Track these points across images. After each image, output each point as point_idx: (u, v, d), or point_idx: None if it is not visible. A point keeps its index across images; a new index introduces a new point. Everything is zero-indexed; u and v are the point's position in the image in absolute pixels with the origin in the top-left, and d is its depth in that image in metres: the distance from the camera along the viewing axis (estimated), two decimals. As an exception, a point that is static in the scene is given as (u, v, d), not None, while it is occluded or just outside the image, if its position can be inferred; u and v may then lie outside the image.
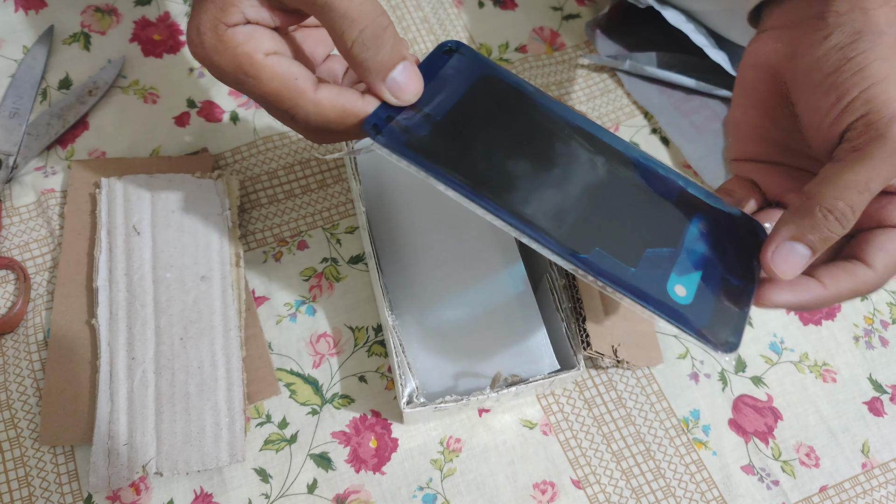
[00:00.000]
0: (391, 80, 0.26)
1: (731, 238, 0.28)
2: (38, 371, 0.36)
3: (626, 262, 0.26)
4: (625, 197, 0.28)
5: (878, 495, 0.37)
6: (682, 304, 0.26)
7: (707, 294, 0.26)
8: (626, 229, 0.27)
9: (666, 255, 0.27)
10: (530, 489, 0.35)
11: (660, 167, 0.29)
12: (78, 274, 0.37)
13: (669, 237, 0.27)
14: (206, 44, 0.25)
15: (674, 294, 0.26)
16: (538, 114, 0.28)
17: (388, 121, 0.26)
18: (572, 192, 0.27)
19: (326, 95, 0.26)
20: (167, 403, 0.34)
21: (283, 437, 0.36)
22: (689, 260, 0.27)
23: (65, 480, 0.34)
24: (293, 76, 0.26)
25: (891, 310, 0.42)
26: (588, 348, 0.35)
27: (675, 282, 0.26)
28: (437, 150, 0.26)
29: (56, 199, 0.40)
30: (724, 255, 0.28)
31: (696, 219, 0.28)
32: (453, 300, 0.36)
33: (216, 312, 0.36)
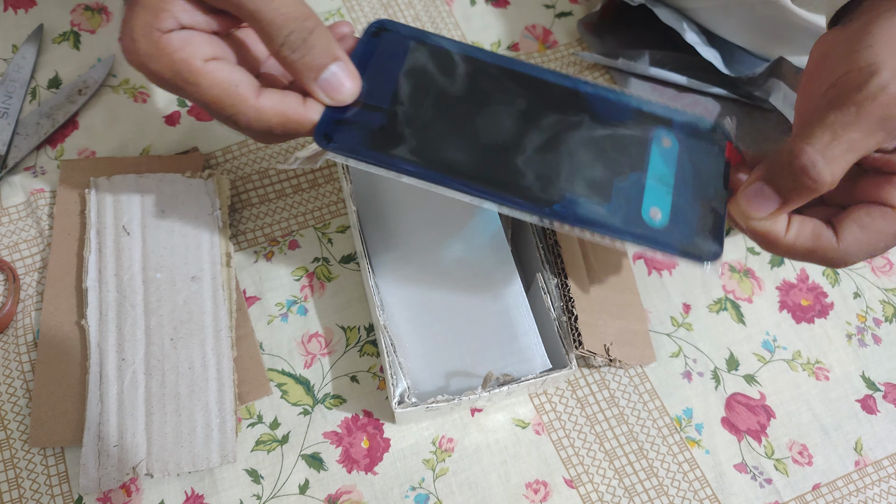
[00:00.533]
0: (323, 80, 0.26)
1: (696, 146, 0.28)
2: (27, 372, 0.36)
3: (597, 200, 0.26)
4: (582, 133, 0.27)
5: (872, 493, 0.37)
6: (660, 228, 0.26)
7: (682, 209, 0.26)
8: (591, 165, 0.26)
9: (635, 182, 0.26)
10: (523, 489, 0.35)
11: (609, 92, 0.28)
12: (67, 274, 0.37)
13: (635, 162, 0.27)
14: (141, 50, 0.25)
15: (650, 220, 0.26)
16: (476, 71, 0.28)
17: (338, 124, 0.26)
18: (530, 143, 0.26)
19: (268, 102, 0.26)
20: (158, 404, 0.34)
21: (275, 438, 0.35)
22: (658, 179, 0.27)
23: (55, 482, 0.34)
24: (234, 83, 0.25)
25: (884, 307, 0.41)
26: (580, 347, 0.35)
27: (648, 206, 0.26)
28: (390, 143, 0.26)
29: (45, 199, 0.40)
30: (691, 165, 0.27)
31: (658, 136, 0.28)
32: (445, 300, 0.36)
33: (207, 313, 0.36)
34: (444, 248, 0.37)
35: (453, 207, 0.37)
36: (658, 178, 0.27)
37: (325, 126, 0.26)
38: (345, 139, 0.26)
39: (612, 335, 0.37)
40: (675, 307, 0.40)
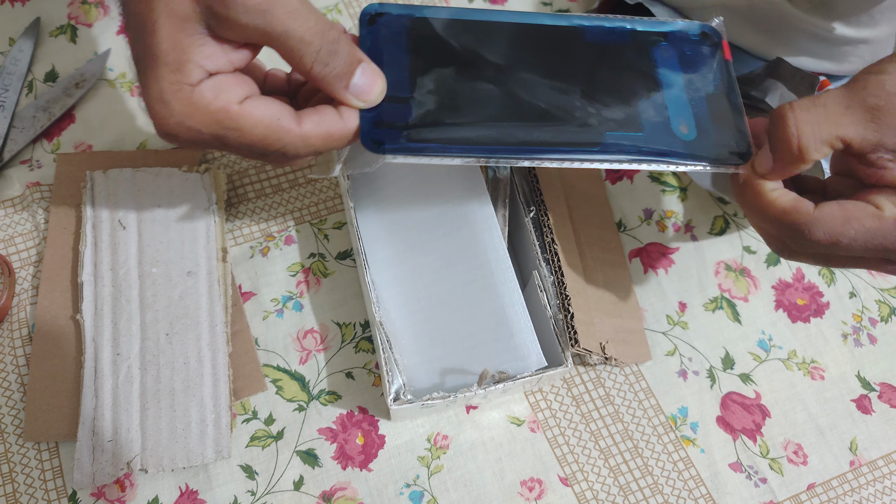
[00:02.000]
0: (353, 86, 0.26)
1: (694, 52, 0.29)
2: (22, 366, 0.36)
3: (634, 130, 0.27)
4: (596, 68, 0.28)
5: (867, 493, 0.37)
6: (693, 141, 0.26)
7: (703, 115, 0.27)
8: (614, 98, 0.27)
9: (656, 103, 0.27)
10: (518, 486, 0.35)
11: (604, 20, 0.29)
12: (63, 269, 0.37)
13: (649, 84, 0.28)
14: (176, 111, 0.24)
15: (682, 135, 0.27)
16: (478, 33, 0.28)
17: (378, 125, 0.26)
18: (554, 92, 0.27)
19: (310, 127, 0.26)
20: (152, 399, 0.34)
21: (270, 434, 0.35)
22: (674, 94, 0.27)
23: (49, 477, 0.34)
24: (275, 117, 0.25)
25: (879, 307, 0.41)
26: (576, 345, 0.35)
27: (677, 123, 0.27)
28: (430, 129, 0.26)
29: (41, 193, 0.39)
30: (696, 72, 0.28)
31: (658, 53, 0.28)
32: (440, 296, 0.36)
33: (202, 308, 0.36)
34: (441, 246, 0.37)
35: (450, 204, 0.36)
36: (673, 94, 0.28)
37: (370, 132, 0.26)
38: (392, 140, 0.26)
39: (608, 333, 0.37)
40: (670, 305, 0.40)
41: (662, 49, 0.29)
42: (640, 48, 0.29)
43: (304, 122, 0.26)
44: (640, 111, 0.27)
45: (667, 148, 0.26)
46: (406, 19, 0.28)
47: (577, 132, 0.26)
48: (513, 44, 0.28)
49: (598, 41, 0.29)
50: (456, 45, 0.28)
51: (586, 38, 0.29)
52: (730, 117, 0.27)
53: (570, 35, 0.28)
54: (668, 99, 0.27)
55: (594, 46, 0.28)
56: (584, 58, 0.28)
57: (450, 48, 0.28)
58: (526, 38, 0.28)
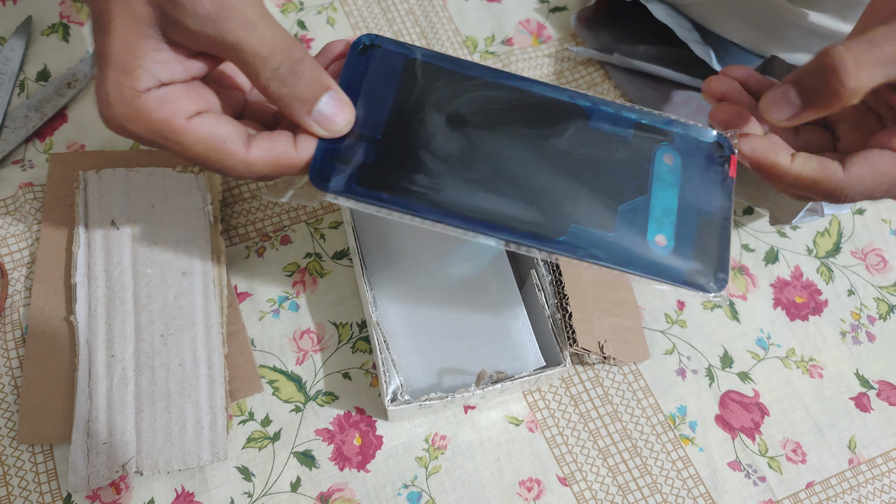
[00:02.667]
0: (317, 113, 0.24)
1: (699, 161, 0.26)
2: (15, 368, 0.35)
3: (604, 230, 0.25)
4: (584, 156, 0.26)
5: (865, 491, 0.37)
6: (666, 256, 0.25)
7: (687, 232, 0.25)
8: (595, 191, 0.25)
9: (639, 207, 0.25)
10: (516, 486, 0.35)
11: (608, 105, 0.27)
12: (56, 270, 0.37)
13: (638, 185, 0.26)
14: (117, 113, 0.23)
15: (655, 247, 0.25)
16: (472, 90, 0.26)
17: (333, 160, 0.25)
18: (532, 173, 0.25)
19: (258, 153, 0.24)
20: (147, 401, 0.34)
21: (266, 435, 0.35)
22: (662, 202, 0.25)
23: (44, 479, 0.33)
24: (220, 139, 0.24)
25: (878, 305, 0.41)
26: (574, 344, 0.35)
27: (654, 233, 0.25)
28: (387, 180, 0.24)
29: (34, 194, 0.39)
30: (694, 183, 0.26)
31: (659, 153, 0.26)
32: (438, 296, 0.36)
33: (197, 309, 0.36)
34: (437, 244, 0.36)
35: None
36: (662, 201, 0.25)
37: (321, 165, 0.24)
38: (340, 179, 0.24)
39: (606, 332, 0.37)
40: (669, 304, 0.40)
41: (665, 149, 0.26)
42: (642, 144, 0.26)
43: (253, 147, 0.24)
44: (618, 211, 0.25)
45: (633, 257, 0.24)
46: (400, 58, 0.26)
47: (542, 218, 0.24)
48: (506, 109, 0.26)
49: (597, 126, 0.26)
50: (445, 97, 0.26)
51: (586, 120, 0.26)
52: (714, 242, 0.25)
53: (569, 112, 0.26)
54: (654, 205, 0.25)
55: (591, 131, 0.26)
56: (576, 140, 0.26)
57: (437, 99, 0.26)
58: (522, 105, 0.26)
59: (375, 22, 0.46)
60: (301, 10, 0.46)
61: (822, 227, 0.43)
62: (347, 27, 0.46)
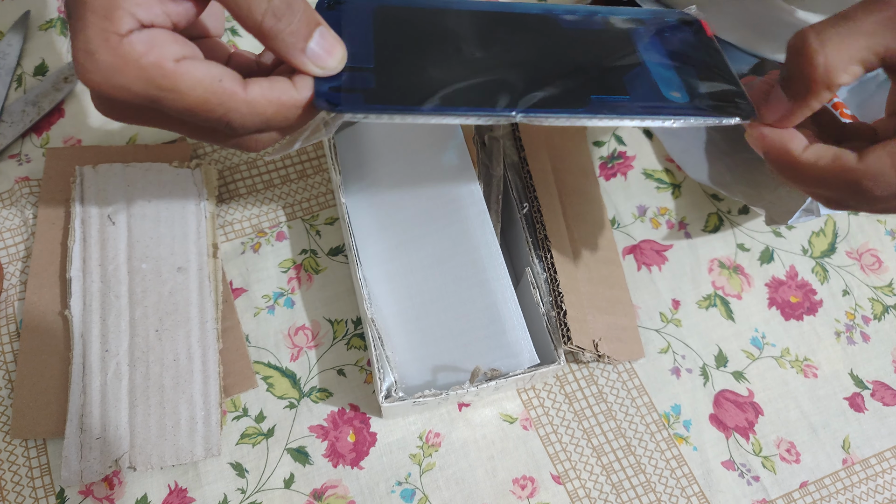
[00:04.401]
0: (311, 51, 0.23)
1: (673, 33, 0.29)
2: (10, 363, 0.35)
3: (620, 94, 0.27)
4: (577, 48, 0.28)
5: (859, 491, 0.37)
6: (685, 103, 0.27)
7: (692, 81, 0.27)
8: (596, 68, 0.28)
9: (641, 73, 0.28)
10: (510, 484, 0.35)
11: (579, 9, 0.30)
12: (51, 264, 0.37)
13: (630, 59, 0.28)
14: (102, 64, 0.21)
15: (673, 97, 0.27)
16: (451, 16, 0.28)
17: (334, 91, 0.25)
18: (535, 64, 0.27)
19: (258, 91, 0.23)
20: (141, 396, 0.34)
21: (260, 431, 0.35)
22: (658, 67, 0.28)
23: (37, 474, 0.33)
24: (216, 77, 0.22)
25: (872, 305, 0.41)
26: (568, 342, 0.35)
27: (665, 89, 0.27)
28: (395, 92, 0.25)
29: (30, 188, 0.39)
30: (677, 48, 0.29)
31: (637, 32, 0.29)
32: (433, 293, 0.36)
33: (192, 304, 0.36)
34: (433, 241, 0.36)
35: (443, 200, 0.36)
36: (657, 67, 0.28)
37: (324, 94, 0.24)
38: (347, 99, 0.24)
39: (601, 331, 0.37)
40: (664, 303, 0.40)
41: (641, 32, 0.29)
42: (619, 32, 0.29)
43: (251, 87, 0.23)
44: (624, 79, 0.27)
45: (660, 107, 0.26)
46: (369, 7, 0.27)
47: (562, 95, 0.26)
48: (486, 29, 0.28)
49: (574, 27, 0.29)
50: (426, 29, 0.27)
51: (562, 24, 0.29)
52: (722, 80, 0.27)
53: (544, 21, 0.29)
54: (654, 72, 0.28)
55: (570, 32, 0.29)
56: (560, 40, 0.28)
57: (419, 32, 0.27)
58: (499, 23, 0.28)
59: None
60: None
61: (817, 227, 0.43)
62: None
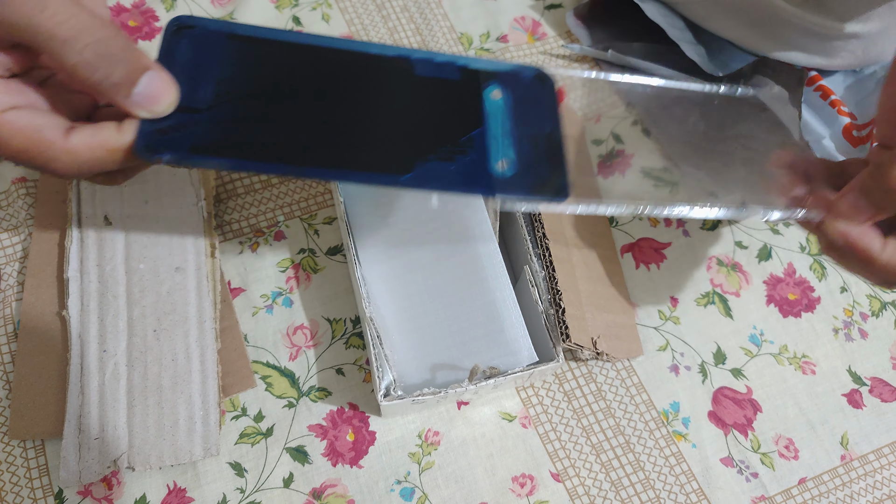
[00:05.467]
0: (138, 94, 0.23)
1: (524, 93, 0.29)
2: (7, 364, 0.35)
3: (447, 161, 0.26)
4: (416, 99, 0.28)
5: (858, 487, 0.37)
6: (509, 178, 0.26)
7: (525, 155, 0.27)
8: (431, 130, 0.27)
9: (475, 138, 0.27)
10: (509, 482, 0.35)
11: (433, 55, 0.29)
12: (49, 265, 0.36)
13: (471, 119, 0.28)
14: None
15: (497, 171, 0.27)
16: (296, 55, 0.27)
17: (160, 134, 0.24)
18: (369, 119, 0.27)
19: (80, 139, 0.23)
20: (140, 397, 0.33)
21: (259, 431, 0.35)
22: (497, 131, 0.27)
23: (35, 475, 0.33)
24: (36, 129, 0.23)
25: (870, 302, 0.42)
26: (567, 340, 0.35)
27: (494, 159, 0.27)
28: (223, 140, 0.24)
29: (27, 189, 0.39)
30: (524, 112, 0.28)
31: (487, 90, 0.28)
32: (431, 292, 0.36)
33: (190, 304, 0.35)
34: (431, 240, 0.36)
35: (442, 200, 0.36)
36: (496, 131, 0.28)
37: (146, 138, 0.24)
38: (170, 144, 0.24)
39: (600, 328, 0.37)
40: (662, 301, 0.40)
41: (492, 86, 0.28)
42: (470, 86, 0.28)
43: (73, 135, 0.23)
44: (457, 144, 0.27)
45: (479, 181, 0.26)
46: (218, 35, 0.26)
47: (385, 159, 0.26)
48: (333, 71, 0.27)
49: (426, 75, 0.28)
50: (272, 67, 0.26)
51: (416, 71, 0.28)
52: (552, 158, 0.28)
53: (393, 65, 0.28)
54: (490, 135, 0.27)
55: (420, 80, 0.28)
56: (407, 90, 0.28)
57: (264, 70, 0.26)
58: (348, 66, 0.27)
59: (370, 18, 0.46)
60: (296, 6, 0.46)
61: (815, 224, 0.43)
62: (342, 23, 0.46)
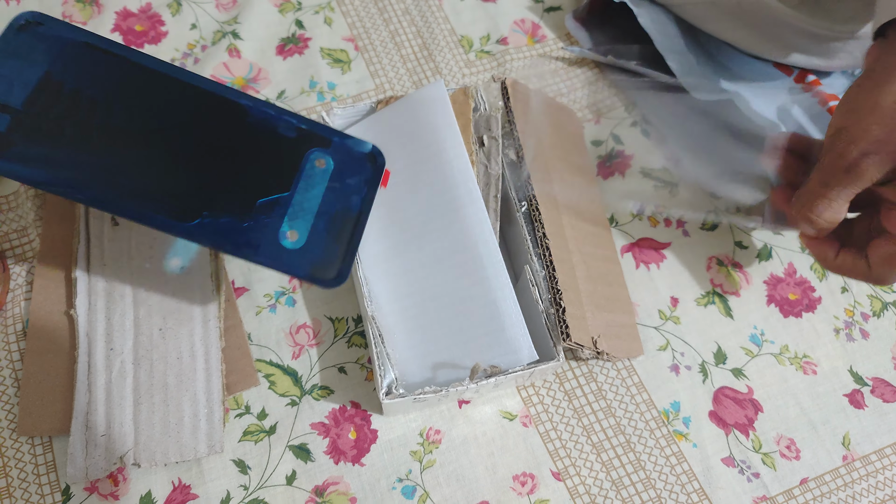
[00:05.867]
0: None
1: (349, 168, 0.28)
2: (16, 361, 0.36)
3: (237, 219, 0.25)
4: (234, 148, 0.26)
5: (859, 488, 0.37)
6: (294, 251, 0.26)
7: (320, 232, 0.26)
8: (238, 182, 0.26)
9: (280, 202, 0.26)
10: (510, 481, 0.35)
11: (269, 108, 0.27)
12: (57, 264, 0.37)
13: (284, 181, 0.26)
14: None
15: (286, 241, 0.26)
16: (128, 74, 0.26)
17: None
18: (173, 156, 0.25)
19: None
20: (145, 394, 0.34)
21: (262, 429, 0.36)
22: (304, 201, 0.26)
23: (43, 471, 0.34)
24: None
25: (871, 302, 0.42)
26: (567, 339, 0.35)
27: (287, 228, 0.26)
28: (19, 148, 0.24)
29: (35, 190, 0.40)
30: (340, 187, 0.27)
31: (313, 156, 0.27)
32: (432, 291, 0.36)
33: (195, 303, 0.36)
34: (433, 241, 0.37)
35: (442, 199, 0.37)
36: (304, 200, 0.26)
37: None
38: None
39: (600, 328, 0.37)
40: (662, 300, 0.40)
41: (320, 153, 0.27)
42: (297, 145, 0.27)
43: None
44: (255, 205, 0.26)
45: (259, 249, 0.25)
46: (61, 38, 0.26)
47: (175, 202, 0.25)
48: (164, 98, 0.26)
49: (256, 123, 0.27)
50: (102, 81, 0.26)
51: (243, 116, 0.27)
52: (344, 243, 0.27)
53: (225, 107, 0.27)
54: (294, 202, 0.26)
55: (246, 126, 0.27)
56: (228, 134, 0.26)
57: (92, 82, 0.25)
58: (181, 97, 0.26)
59: (372, 21, 0.47)
60: (299, 10, 0.47)
61: (816, 224, 0.43)
62: (344, 26, 0.46)
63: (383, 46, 0.46)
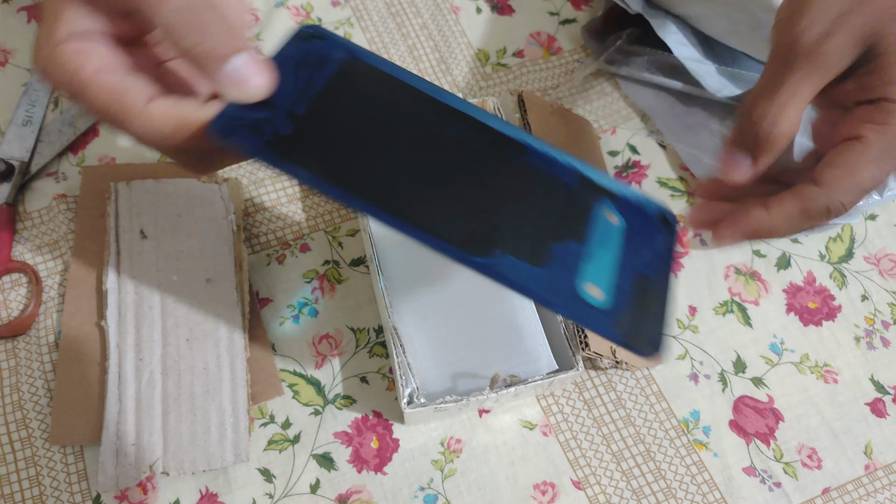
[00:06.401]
0: (231, 69, 0.22)
1: (640, 227, 0.26)
2: (49, 372, 0.37)
3: (530, 262, 0.23)
4: (520, 187, 0.25)
5: (882, 497, 0.36)
6: (599, 308, 0.23)
7: (625, 293, 0.24)
8: (528, 223, 0.24)
9: (573, 251, 0.24)
10: (531, 490, 0.36)
11: (556, 153, 0.26)
12: (88, 277, 0.38)
13: (574, 230, 0.24)
14: (40, 62, 0.24)
15: (586, 295, 0.23)
16: (414, 99, 0.25)
17: (240, 122, 0.23)
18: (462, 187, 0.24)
19: (159, 108, 0.23)
20: (173, 404, 0.35)
21: (287, 438, 0.36)
22: (600, 255, 0.24)
23: (74, 480, 0.35)
24: (121, 90, 0.23)
25: (892, 310, 0.41)
26: (586, 349, 0.35)
27: (585, 280, 0.24)
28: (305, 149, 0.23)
29: (67, 204, 0.41)
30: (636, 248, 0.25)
31: (602, 208, 0.25)
32: (453, 301, 0.36)
33: (221, 314, 0.37)
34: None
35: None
36: (600, 254, 0.24)
37: (225, 120, 0.23)
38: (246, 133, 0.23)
39: (619, 337, 0.37)
40: (681, 309, 0.41)
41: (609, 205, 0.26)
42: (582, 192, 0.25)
43: (155, 103, 0.23)
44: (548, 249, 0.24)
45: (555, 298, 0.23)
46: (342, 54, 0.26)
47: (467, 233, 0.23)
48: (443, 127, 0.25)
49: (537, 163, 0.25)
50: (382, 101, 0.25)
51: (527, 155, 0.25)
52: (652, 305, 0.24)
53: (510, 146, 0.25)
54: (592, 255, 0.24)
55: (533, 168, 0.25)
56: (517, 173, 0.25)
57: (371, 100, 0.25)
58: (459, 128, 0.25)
59: (390, 36, 0.48)
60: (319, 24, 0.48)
61: (833, 233, 0.43)
62: (363, 41, 0.47)
63: (401, 60, 0.47)
